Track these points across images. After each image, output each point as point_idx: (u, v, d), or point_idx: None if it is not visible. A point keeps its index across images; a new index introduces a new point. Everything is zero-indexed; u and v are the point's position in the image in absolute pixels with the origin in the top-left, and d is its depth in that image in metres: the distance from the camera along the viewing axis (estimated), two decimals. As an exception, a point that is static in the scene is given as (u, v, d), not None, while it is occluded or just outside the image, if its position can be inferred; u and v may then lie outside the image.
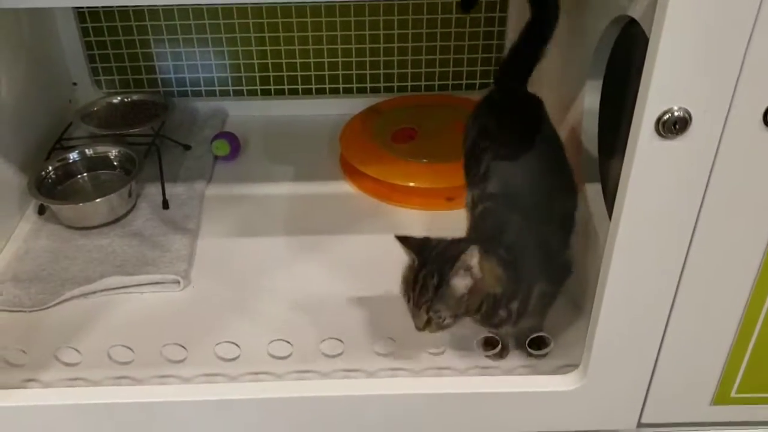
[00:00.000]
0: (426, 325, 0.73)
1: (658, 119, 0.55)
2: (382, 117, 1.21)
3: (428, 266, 0.71)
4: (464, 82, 1.30)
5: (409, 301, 0.73)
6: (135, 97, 1.24)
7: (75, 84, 1.26)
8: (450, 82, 1.31)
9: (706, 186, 0.58)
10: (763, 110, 0.55)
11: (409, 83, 1.31)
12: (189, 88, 1.30)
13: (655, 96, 0.54)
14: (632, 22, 0.68)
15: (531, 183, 0.80)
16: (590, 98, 0.86)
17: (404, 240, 0.74)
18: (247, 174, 1.15)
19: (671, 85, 0.54)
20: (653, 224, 0.60)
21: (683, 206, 0.59)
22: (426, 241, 0.74)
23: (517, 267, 0.73)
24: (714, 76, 0.54)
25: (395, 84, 1.31)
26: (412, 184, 1.07)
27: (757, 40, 0.53)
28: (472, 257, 0.69)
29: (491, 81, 1.29)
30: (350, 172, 1.12)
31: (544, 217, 0.78)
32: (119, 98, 1.24)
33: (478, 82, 1.30)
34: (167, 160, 1.13)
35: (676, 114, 0.55)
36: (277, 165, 1.17)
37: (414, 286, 0.72)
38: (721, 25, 0.52)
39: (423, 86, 1.31)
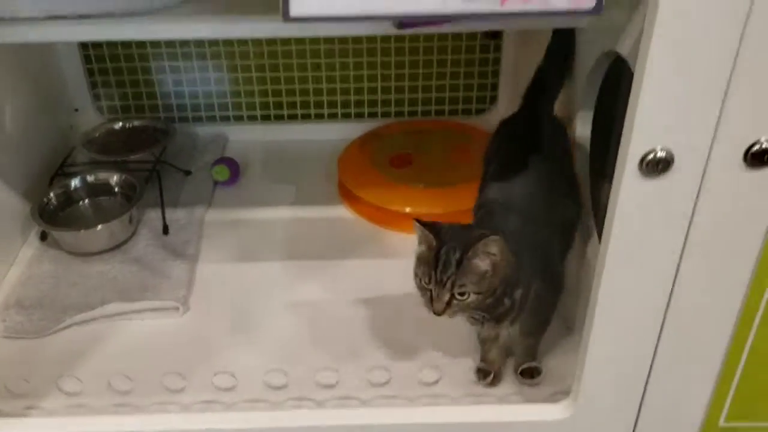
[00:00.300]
0: (446, 307, 0.72)
1: (642, 159, 0.57)
2: (379, 142, 1.23)
3: (448, 244, 0.72)
4: (460, 107, 1.32)
5: (429, 281, 0.73)
6: (136, 122, 1.26)
7: (77, 110, 1.28)
8: (446, 108, 1.32)
9: (690, 223, 0.59)
10: (743, 150, 0.57)
11: (407, 108, 1.33)
12: (190, 114, 1.32)
13: (639, 137, 0.56)
14: (620, 58, 0.70)
15: (534, 194, 0.83)
16: (581, 127, 0.88)
17: (421, 222, 0.75)
18: (247, 199, 1.17)
19: (654, 126, 0.56)
20: (639, 259, 0.62)
21: (668, 242, 0.61)
22: (438, 224, 0.75)
23: (519, 256, 0.74)
24: (695, 118, 0.56)
25: (393, 109, 1.33)
26: (408, 209, 1.08)
27: (736, 81, 0.54)
28: (496, 240, 0.70)
29: (487, 106, 1.32)
30: (348, 197, 1.14)
31: (545, 225, 0.81)
32: (120, 124, 1.26)
33: (474, 107, 1.32)
34: (167, 184, 1.15)
35: (659, 154, 0.56)
36: (276, 190, 1.18)
37: (436, 263, 0.72)
38: (702, 68, 0.54)
39: (420, 111, 1.33)
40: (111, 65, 1.27)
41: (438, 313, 0.73)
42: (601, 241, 0.63)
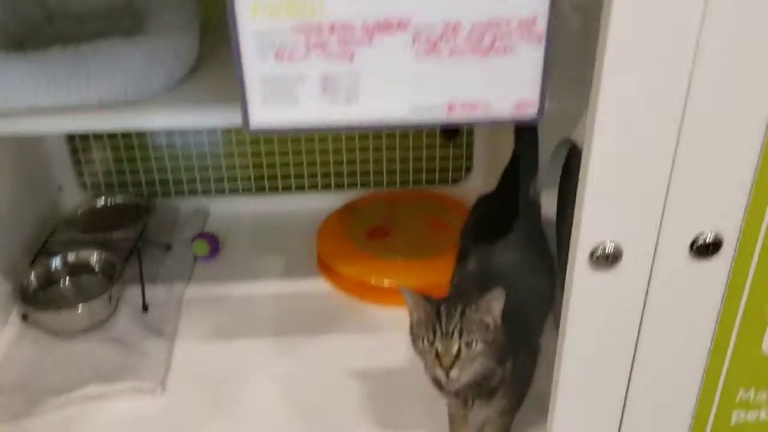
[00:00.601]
0: (455, 360, 0.71)
1: (591, 253, 0.59)
2: (357, 214, 1.25)
3: (447, 302, 0.73)
4: (437, 176, 1.35)
5: (434, 335, 0.72)
6: (118, 199, 1.28)
7: (60, 188, 1.30)
8: (424, 177, 1.35)
9: (643, 313, 0.61)
10: (689, 242, 0.59)
11: (385, 178, 1.36)
12: (172, 188, 1.34)
13: (587, 231, 0.58)
14: (576, 145, 0.73)
15: (510, 269, 0.85)
16: (547, 205, 0.90)
17: (411, 291, 0.75)
18: (227, 273, 1.18)
19: (601, 221, 0.58)
20: (595, 349, 0.63)
21: (623, 332, 0.62)
22: (425, 292, 0.76)
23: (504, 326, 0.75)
24: (641, 212, 0.58)
25: (371, 179, 1.35)
26: (387, 282, 1.09)
27: (677, 178, 0.57)
28: (500, 294, 0.71)
29: (463, 175, 1.35)
30: (327, 271, 1.15)
31: (522, 299, 0.81)
32: (102, 201, 1.28)
33: (450, 176, 1.35)
34: (148, 259, 1.16)
35: (608, 248, 0.58)
36: (256, 264, 1.20)
37: (438, 318, 0.72)
38: (644, 164, 0.56)
39: (398, 181, 1.36)
40: (94, 142, 1.30)
41: (447, 367, 0.71)
42: (558, 332, 0.64)
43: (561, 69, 0.62)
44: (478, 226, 0.95)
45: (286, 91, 0.54)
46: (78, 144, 1.30)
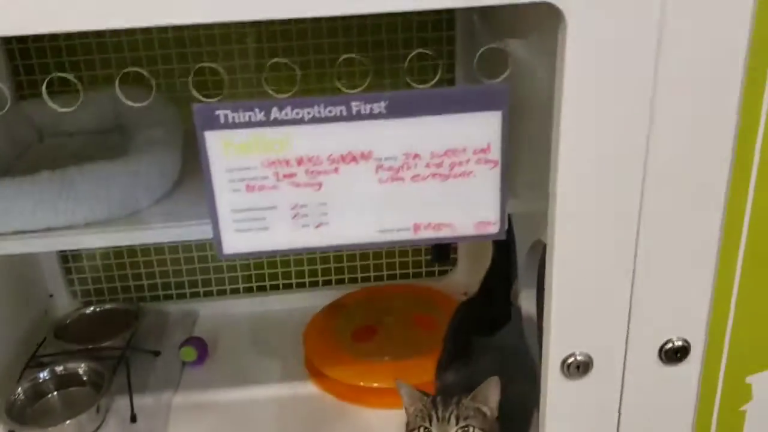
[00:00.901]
0: None
1: (563, 362, 0.60)
2: (343, 314, 1.25)
3: (441, 394, 0.75)
4: (424, 270, 1.37)
5: (431, 423, 0.74)
6: (108, 306, 1.29)
7: (51, 296, 1.32)
8: (411, 271, 1.37)
9: (618, 420, 0.62)
10: (657, 348, 0.60)
11: (372, 273, 1.37)
12: (161, 292, 1.36)
13: (557, 343, 0.59)
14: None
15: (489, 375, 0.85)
16: (526, 305, 0.91)
17: (407, 384, 0.78)
18: (215, 379, 1.17)
19: (570, 332, 0.59)
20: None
21: (599, 439, 0.63)
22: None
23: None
24: (608, 322, 0.59)
25: (359, 275, 1.37)
26: (375, 384, 1.09)
27: (639, 282, 0.59)
28: (496, 382, 0.73)
29: (450, 268, 1.36)
30: (315, 373, 1.15)
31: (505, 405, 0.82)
32: (92, 309, 1.28)
33: (436, 269, 1.37)
34: (137, 367, 1.16)
35: (578, 358, 0.60)
36: (244, 368, 1.20)
37: (434, 407, 0.75)
38: (605, 273, 0.58)
39: (385, 276, 1.37)
40: (84, 251, 1.32)
41: None
42: (536, 441, 0.65)
43: (528, 171, 0.65)
44: (460, 331, 0.96)
45: (258, 219, 0.57)
46: (68, 253, 1.32)
